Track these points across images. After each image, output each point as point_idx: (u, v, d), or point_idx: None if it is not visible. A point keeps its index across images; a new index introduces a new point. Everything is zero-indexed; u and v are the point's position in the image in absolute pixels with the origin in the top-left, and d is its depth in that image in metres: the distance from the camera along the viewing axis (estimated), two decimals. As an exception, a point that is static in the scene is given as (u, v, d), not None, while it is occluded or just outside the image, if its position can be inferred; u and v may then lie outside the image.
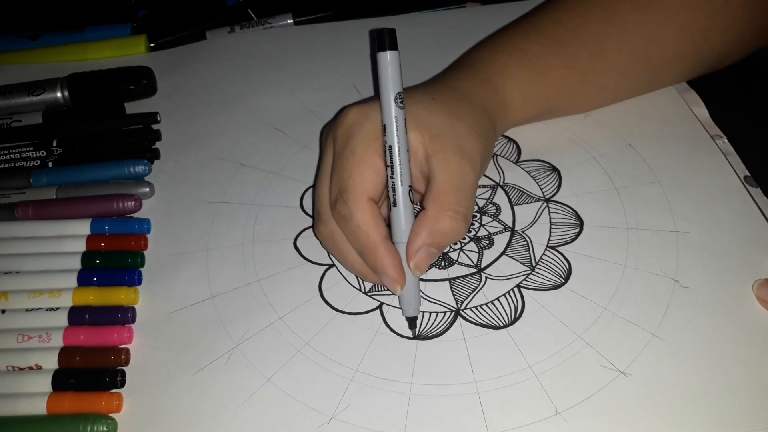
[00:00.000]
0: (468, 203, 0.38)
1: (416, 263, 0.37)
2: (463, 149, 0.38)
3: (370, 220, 0.37)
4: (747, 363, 0.36)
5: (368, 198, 0.37)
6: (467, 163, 0.38)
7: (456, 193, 0.37)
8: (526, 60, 0.44)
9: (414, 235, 0.37)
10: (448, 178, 0.37)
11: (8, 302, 0.40)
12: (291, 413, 0.36)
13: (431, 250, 0.37)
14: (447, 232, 0.37)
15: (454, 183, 0.37)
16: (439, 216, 0.37)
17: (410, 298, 0.38)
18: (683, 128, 0.48)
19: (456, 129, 0.39)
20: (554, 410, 0.35)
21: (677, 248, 0.41)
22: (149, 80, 0.53)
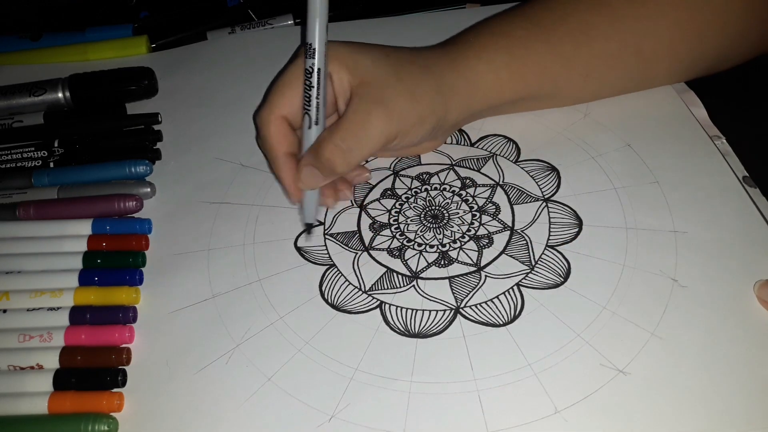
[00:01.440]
0: (355, 143, 0.40)
1: (301, 178, 0.41)
2: (384, 102, 0.40)
3: (275, 134, 0.41)
4: (745, 362, 0.36)
5: (280, 115, 0.41)
6: (380, 113, 0.40)
7: (348, 129, 0.40)
8: (507, 43, 0.45)
9: (306, 153, 0.41)
10: (349, 115, 0.40)
11: (9, 302, 0.40)
12: (291, 412, 0.36)
13: (314, 170, 0.40)
14: (323, 160, 0.40)
15: (352, 121, 0.40)
16: (323, 141, 0.40)
17: (306, 207, 0.42)
18: (682, 129, 0.48)
19: (388, 83, 0.41)
20: (553, 409, 0.35)
21: (676, 248, 0.41)
22: (150, 81, 0.54)
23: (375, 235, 0.44)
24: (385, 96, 0.40)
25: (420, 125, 0.42)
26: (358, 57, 0.41)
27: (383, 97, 0.40)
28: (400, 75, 0.41)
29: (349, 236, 0.44)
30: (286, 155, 0.42)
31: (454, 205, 0.45)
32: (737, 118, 0.49)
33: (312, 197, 0.42)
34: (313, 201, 0.42)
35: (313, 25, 0.38)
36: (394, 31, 0.59)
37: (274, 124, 0.41)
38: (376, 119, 0.40)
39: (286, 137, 0.42)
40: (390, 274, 0.42)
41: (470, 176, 0.47)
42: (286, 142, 0.42)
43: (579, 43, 0.45)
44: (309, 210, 0.42)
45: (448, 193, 0.46)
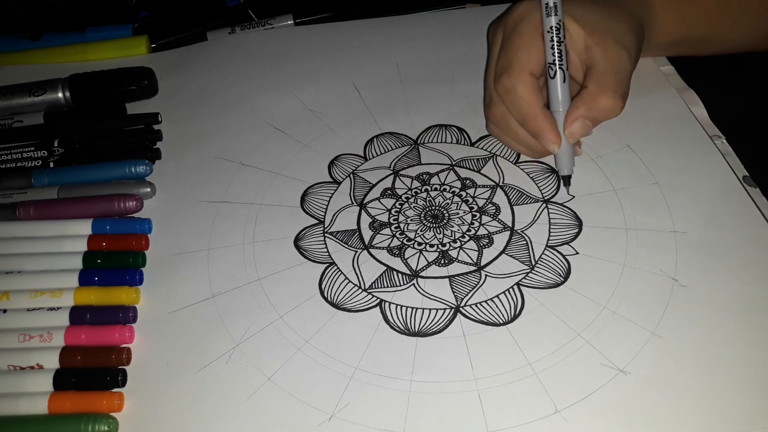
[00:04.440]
0: (625, 86, 0.43)
1: (571, 131, 0.43)
2: (620, 41, 0.43)
3: (531, 90, 0.43)
4: (746, 361, 0.36)
5: (530, 72, 0.43)
6: (625, 52, 0.43)
7: (615, 75, 0.43)
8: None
9: (573, 107, 0.43)
10: (607, 63, 0.43)
11: (9, 302, 0.40)
12: (291, 412, 0.36)
13: (586, 122, 0.43)
14: (604, 108, 0.43)
15: (614, 67, 0.43)
16: (599, 93, 0.42)
17: (565, 159, 0.44)
18: (682, 129, 0.48)
19: (612, 25, 0.44)
20: (554, 408, 0.35)
21: (676, 248, 0.41)
22: (150, 81, 0.54)
23: (375, 233, 0.44)
24: (618, 37, 0.43)
25: (639, 55, 0.45)
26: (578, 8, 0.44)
27: (617, 37, 0.43)
28: (614, 17, 0.44)
29: (349, 234, 0.44)
30: (545, 108, 0.43)
31: (454, 205, 0.45)
32: (737, 117, 0.49)
33: (569, 148, 0.44)
34: (571, 152, 0.44)
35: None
36: (394, 31, 0.59)
37: (529, 80, 0.43)
38: (626, 60, 0.43)
39: (539, 92, 0.43)
40: (390, 273, 0.42)
41: (470, 177, 0.47)
42: (541, 97, 0.43)
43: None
44: (569, 161, 0.44)
45: (448, 194, 0.46)
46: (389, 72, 0.55)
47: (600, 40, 0.43)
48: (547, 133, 0.43)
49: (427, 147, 0.49)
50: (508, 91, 0.43)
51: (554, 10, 0.42)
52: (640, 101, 0.50)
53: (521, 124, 0.44)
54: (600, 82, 0.43)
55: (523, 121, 0.44)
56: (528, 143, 0.45)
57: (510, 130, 0.45)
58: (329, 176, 0.48)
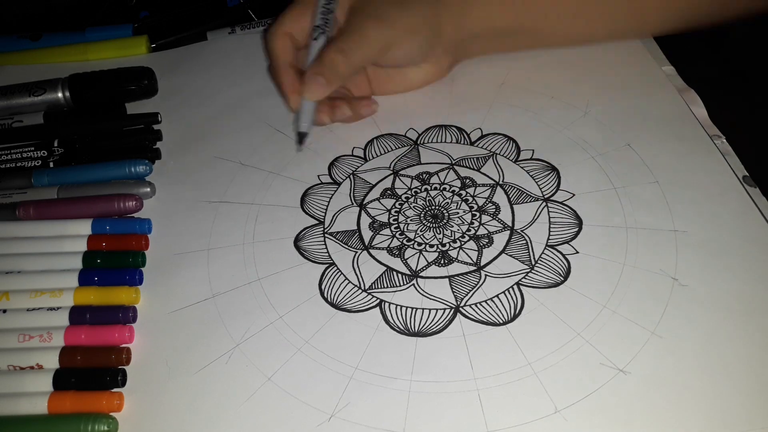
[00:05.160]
0: (355, 46, 0.45)
1: (306, 86, 0.45)
2: (376, 14, 0.45)
3: (281, 48, 0.47)
4: (746, 361, 0.36)
5: (285, 32, 0.47)
6: (373, 21, 0.45)
7: (349, 36, 0.45)
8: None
9: (311, 63, 0.45)
10: (347, 27, 0.46)
11: (9, 302, 0.40)
12: (291, 412, 0.36)
13: (319, 78, 0.45)
14: (327, 62, 0.45)
15: (350, 30, 0.45)
16: (326, 49, 0.45)
17: (302, 116, 0.46)
18: (682, 128, 0.48)
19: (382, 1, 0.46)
20: (553, 408, 0.35)
21: (676, 247, 0.41)
22: (150, 81, 0.54)
23: (375, 234, 0.44)
24: (377, 9, 0.45)
25: (413, 34, 0.46)
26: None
27: (376, 10, 0.45)
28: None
29: (349, 235, 0.44)
30: (288, 64, 0.47)
31: (454, 204, 0.45)
32: (737, 117, 0.49)
33: (309, 107, 0.46)
34: (310, 111, 0.46)
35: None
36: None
37: (281, 38, 0.47)
38: (370, 26, 0.45)
39: (288, 50, 0.47)
40: (390, 273, 0.42)
41: (470, 176, 0.47)
42: (289, 54, 0.47)
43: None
44: (304, 118, 0.46)
45: (448, 193, 0.46)
46: (389, 72, 0.55)
47: (360, 7, 0.46)
48: (284, 87, 0.46)
49: (426, 147, 0.49)
50: (265, 43, 0.48)
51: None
52: (640, 101, 0.50)
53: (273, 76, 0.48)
54: (335, 40, 0.45)
55: (273, 74, 0.48)
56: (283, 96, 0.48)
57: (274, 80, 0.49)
58: (329, 177, 0.48)
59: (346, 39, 0.45)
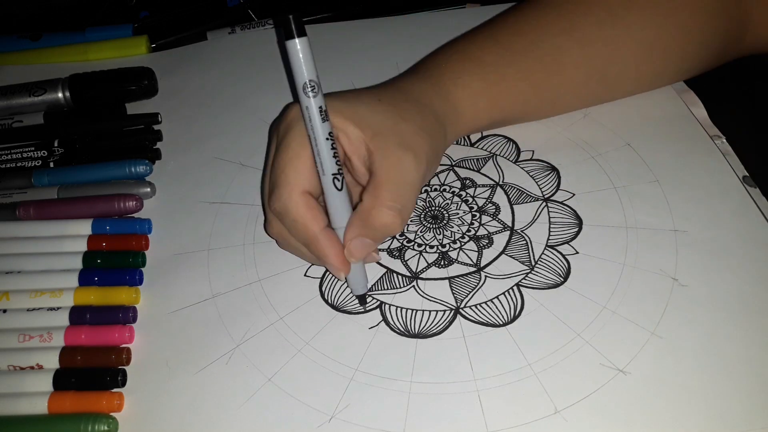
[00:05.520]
0: (404, 199, 0.38)
1: (350, 251, 0.38)
2: (406, 146, 0.38)
3: (306, 212, 0.37)
4: (746, 361, 0.36)
5: (302, 191, 0.38)
6: (409, 159, 0.38)
7: (392, 188, 0.38)
8: (480, 69, 0.44)
9: (349, 225, 0.38)
10: (385, 173, 0.38)
11: (9, 302, 0.40)
12: (291, 413, 0.36)
13: (365, 240, 0.38)
14: (379, 226, 0.38)
15: (392, 178, 0.38)
16: (373, 209, 0.37)
17: (355, 280, 0.40)
18: (682, 128, 0.48)
19: (400, 128, 0.39)
20: (553, 408, 0.35)
21: (676, 247, 0.41)
22: (150, 81, 0.54)
23: (375, 235, 0.44)
24: (406, 140, 0.39)
25: (437, 159, 0.42)
26: (357, 108, 0.39)
27: (405, 142, 0.39)
28: (404, 116, 0.40)
29: (349, 236, 0.44)
30: (325, 230, 0.38)
31: (454, 205, 0.45)
32: (737, 117, 0.49)
33: (360, 267, 0.40)
34: (362, 270, 0.40)
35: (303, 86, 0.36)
36: (394, 31, 0.59)
37: (301, 201, 0.37)
38: (410, 166, 0.38)
39: (316, 211, 0.38)
40: (390, 275, 0.42)
41: (470, 176, 0.47)
42: (320, 218, 0.38)
43: (550, 71, 0.45)
44: (360, 281, 0.40)
45: (447, 194, 0.46)
46: (389, 72, 0.55)
47: (381, 144, 0.38)
48: (330, 259, 0.38)
49: (427, 147, 0.49)
50: (282, 215, 0.38)
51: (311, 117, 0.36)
52: (640, 101, 0.50)
53: (306, 246, 0.39)
54: (376, 195, 0.37)
55: (306, 245, 0.39)
56: (311, 259, 0.41)
57: (293, 248, 0.41)
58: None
59: (394, 193, 0.38)
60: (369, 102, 0.40)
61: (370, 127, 0.38)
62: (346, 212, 0.38)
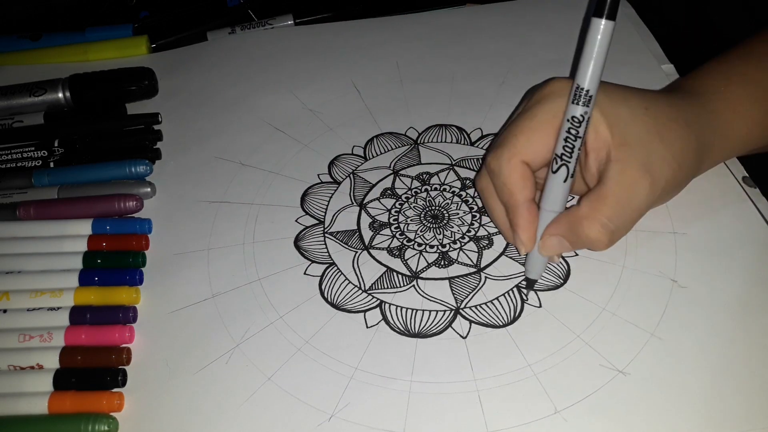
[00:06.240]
0: (622, 221, 0.37)
1: (543, 244, 0.38)
2: (647, 169, 0.36)
3: (518, 180, 0.37)
4: (745, 362, 0.36)
5: (522, 159, 0.37)
6: (645, 185, 0.36)
7: (615, 206, 0.36)
8: (761, 94, 0.41)
9: (557, 221, 0.38)
10: (615, 188, 0.36)
11: (9, 302, 0.40)
12: (291, 412, 0.36)
13: (564, 242, 0.38)
14: (585, 239, 0.37)
15: (619, 196, 0.36)
16: (586, 219, 0.36)
17: (534, 263, 0.39)
18: (682, 129, 0.48)
19: (652, 147, 0.37)
20: (553, 409, 0.35)
21: (675, 249, 0.41)
22: (150, 81, 0.54)
23: (375, 234, 0.44)
24: (650, 163, 0.36)
25: (676, 190, 0.40)
26: (619, 109, 0.37)
27: (649, 164, 0.36)
28: (663, 136, 0.37)
29: (349, 235, 0.44)
30: (529, 202, 0.38)
31: (454, 205, 0.45)
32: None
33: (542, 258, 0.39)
34: (543, 260, 0.39)
35: (588, 67, 0.35)
36: (394, 30, 0.59)
37: (518, 168, 0.37)
38: (643, 192, 0.36)
39: (528, 182, 0.37)
40: (390, 274, 0.42)
41: (470, 177, 0.47)
42: (529, 189, 0.38)
43: None
44: (538, 266, 0.39)
45: (448, 194, 0.46)
46: (389, 72, 0.55)
47: (624, 157, 0.36)
48: (520, 232, 0.38)
49: (426, 147, 0.49)
50: (494, 174, 0.39)
51: (583, 99, 0.35)
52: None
53: (506, 210, 0.39)
54: (595, 207, 0.36)
55: (506, 209, 0.39)
56: (503, 229, 0.41)
57: (489, 205, 0.41)
58: (329, 176, 0.48)
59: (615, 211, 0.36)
60: (634, 108, 0.38)
61: (621, 135, 0.37)
62: (560, 200, 0.38)
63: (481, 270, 0.42)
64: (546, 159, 0.38)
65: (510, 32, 0.56)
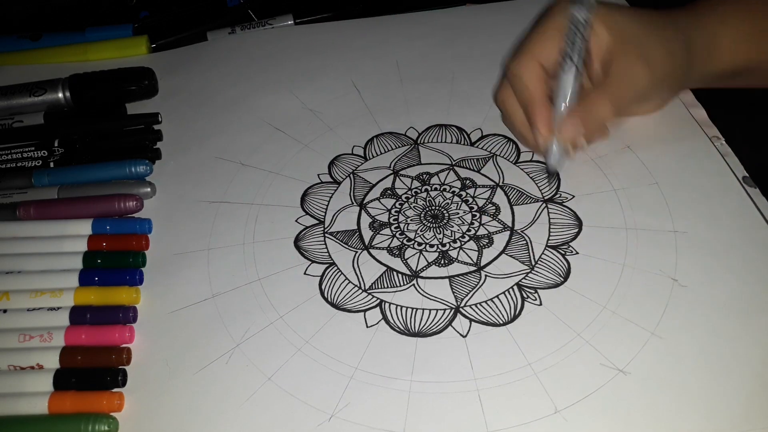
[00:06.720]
0: (625, 101, 0.43)
1: (560, 127, 0.43)
2: (646, 58, 0.42)
3: (535, 80, 0.43)
4: (746, 361, 0.36)
5: (538, 62, 0.43)
6: (645, 69, 0.42)
7: (620, 88, 0.42)
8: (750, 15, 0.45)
9: (572, 109, 0.43)
10: (619, 75, 0.42)
11: (10, 302, 0.40)
12: (291, 412, 0.36)
13: (578, 122, 0.43)
14: (595, 113, 0.43)
15: (622, 81, 0.42)
16: (597, 98, 0.42)
17: (552, 154, 0.44)
18: (681, 129, 0.48)
19: (649, 44, 0.42)
20: (553, 408, 0.35)
21: (676, 248, 0.41)
22: (150, 81, 0.54)
23: (375, 234, 0.44)
24: (648, 55, 0.42)
25: (672, 81, 0.44)
26: (617, 16, 0.43)
27: (647, 55, 0.42)
28: (658, 35, 0.43)
29: (349, 235, 0.44)
30: (544, 99, 0.43)
31: (454, 205, 0.45)
32: (736, 118, 0.49)
33: (559, 147, 0.44)
34: (560, 150, 0.44)
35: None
36: (394, 30, 0.59)
37: (535, 69, 0.43)
38: (642, 74, 0.42)
39: (544, 82, 0.44)
40: (390, 273, 0.42)
41: (470, 177, 0.47)
42: (544, 88, 0.44)
43: None
44: (558, 158, 0.44)
45: (448, 194, 0.46)
46: (389, 71, 0.55)
47: (625, 52, 0.42)
48: (539, 123, 0.43)
49: (427, 147, 0.49)
50: (515, 77, 0.44)
51: (584, 5, 0.42)
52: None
53: (524, 110, 0.45)
54: (604, 89, 0.43)
55: (524, 108, 0.44)
56: (523, 131, 0.46)
57: (510, 114, 0.46)
58: (329, 176, 0.48)
59: (617, 89, 0.42)
60: (631, 15, 0.44)
61: (620, 35, 0.43)
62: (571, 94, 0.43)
63: (481, 268, 0.42)
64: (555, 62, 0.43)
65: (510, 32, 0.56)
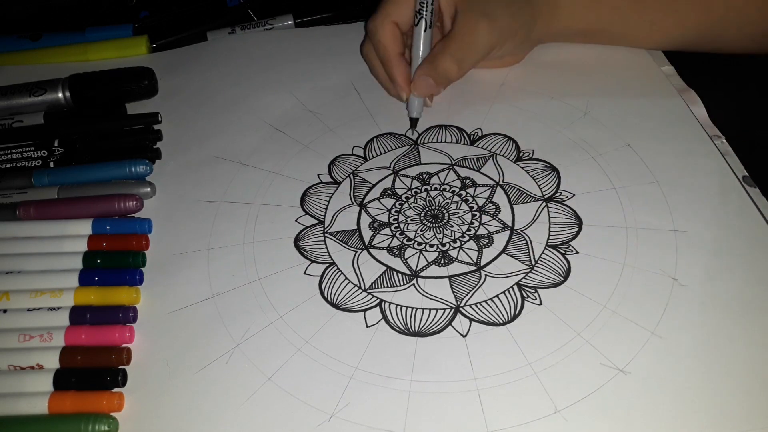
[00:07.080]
0: (467, 54, 0.47)
1: (414, 85, 0.48)
2: (486, 14, 0.46)
3: (389, 37, 0.48)
4: (745, 361, 0.36)
5: (393, 21, 0.48)
6: (485, 23, 0.46)
7: (460, 42, 0.46)
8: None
9: (420, 65, 0.48)
10: (460, 30, 0.46)
11: (9, 302, 0.40)
12: (291, 412, 0.36)
13: (428, 80, 0.47)
14: (440, 70, 0.47)
15: (463, 35, 0.46)
16: (440, 54, 0.47)
17: (413, 104, 0.49)
18: (682, 128, 0.48)
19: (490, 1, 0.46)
20: (553, 408, 0.35)
21: (676, 247, 0.41)
22: (150, 81, 0.54)
23: (375, 233, 0.44)
24: (489, 11, 0.46)
25: (515, 36, 0.48)
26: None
27: (487, 10, 0.46)
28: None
29: (349, 234, 0.44)
30: (399, 56, 0.48)
31: (454, 205, 0.45)
32: (737, 117, 0.49)
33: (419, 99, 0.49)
34: (420, 101, 0.49)
35: None
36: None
37: (389, 28, 0.47)
38: (483, 30, 0.46)
39: (398, 40, 0.48)
40: (390, 273, 0.42)
41: (470, 176, 0.47)
42: (399, 44, 0.48)
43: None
44: (417, 106, 0.49)
45: (448, 193, 0.46)
46: (389, 72, 0.55)
47: (467, 8, 0.46)
48: (397, 79, 0.48)
49: (426, 147, 0.49)
50: (371, 34, 0.48)
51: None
52: (640, 101, 0.50)
53: (383, 66, 0.49)
54: (445, 44, 0.46)
55: (383, 64, 0.49)
56: (385, 84, 0.51)
57: (373, 67, 0.51)
58: (329, 176, 0.48)
59: (460, 45, 0.46)
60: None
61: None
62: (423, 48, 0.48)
63: (481, 268, 0.42)
64: (409, 20, 0.48)
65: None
